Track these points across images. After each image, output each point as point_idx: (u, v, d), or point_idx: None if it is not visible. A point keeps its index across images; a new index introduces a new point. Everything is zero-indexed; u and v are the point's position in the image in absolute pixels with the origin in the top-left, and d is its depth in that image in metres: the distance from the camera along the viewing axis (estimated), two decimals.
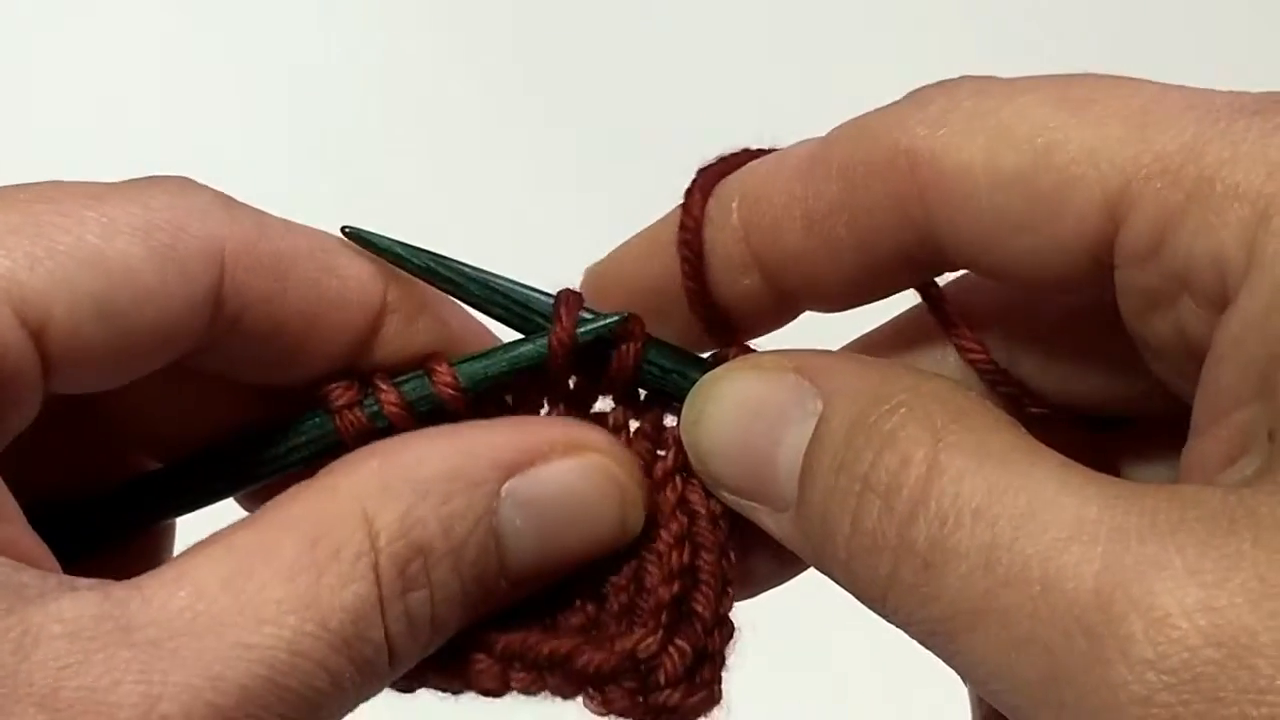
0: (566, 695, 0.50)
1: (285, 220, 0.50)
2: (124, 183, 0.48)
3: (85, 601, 0.41)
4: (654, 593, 0.50)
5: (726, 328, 0.53)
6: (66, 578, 0.43)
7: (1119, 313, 0.47)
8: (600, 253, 0.55)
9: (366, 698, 0.46)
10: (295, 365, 0.51)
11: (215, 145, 1.26)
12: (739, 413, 0.49)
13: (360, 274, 0.50)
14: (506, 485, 0.48)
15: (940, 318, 0.52)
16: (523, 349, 0.51)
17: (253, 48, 1.35)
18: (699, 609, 0.51)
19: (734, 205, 0.51)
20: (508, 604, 0.50)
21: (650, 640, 0.49)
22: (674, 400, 0.53)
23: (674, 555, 0.51)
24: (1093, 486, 0.41)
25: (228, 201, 0.49)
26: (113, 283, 0.45)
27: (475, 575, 0.48)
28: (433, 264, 0.51)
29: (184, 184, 0.48)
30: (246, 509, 0.55)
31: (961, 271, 0.51)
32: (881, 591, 0.44)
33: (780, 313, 0.53)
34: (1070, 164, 0.44)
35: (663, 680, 0.49)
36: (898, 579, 0.43)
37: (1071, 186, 0.44)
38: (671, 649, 0.50)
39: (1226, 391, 0.43)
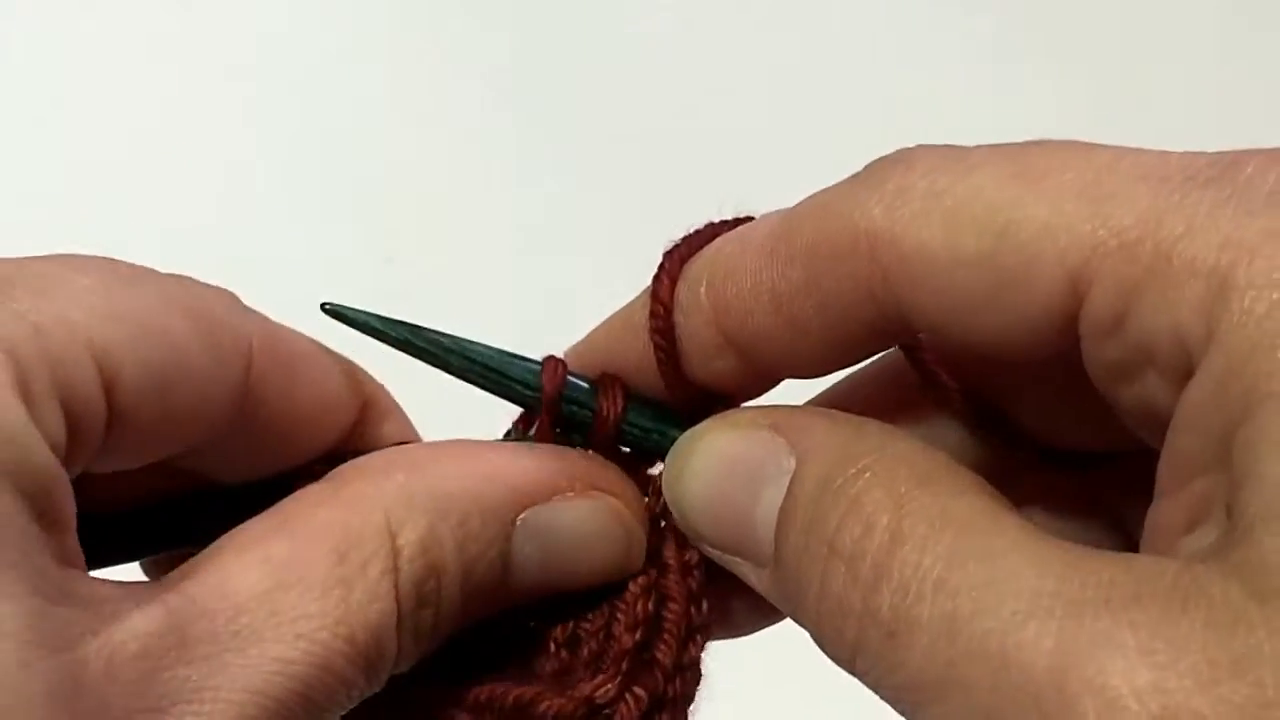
0: None
1: (282, 324, 0.51)
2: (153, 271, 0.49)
3: (152, 616, 0.43)
4: (618, 640, 0.52)
5: (708, 402, 0.53)
6: (125, 587, 0.44)
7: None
8: (597, 274, 0.55)
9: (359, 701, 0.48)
10: (277, 461, 0.52)
11: (212, 159, 1.27)
12: (717, 470, 0.50)
13: (345, 377, 0.52)
14: (524, 514, 0.50)
15: (920, 369, 0.53)
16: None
17: (252, 51, 1.36)
18: (659, 657, 0.52)
19: (702, 290, 0.51)
20: (497, 612, 0.52)
21: (608, 686, 0.51)
22: (655, 457, 0.54)
23: (639, 605, 0.52)
24: (1053, 557, 0.42)
25: (243, 305, 0.50)
26: (172, 356, 0.46)
27: (478, 593, 0.50)
28: (410, 335, 0.52)
29: (197, 281, 0.50)
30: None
31: None
32: (850, 655, 0.45)
33: (758, 385, 0.53)
34: (1029, 243, 0.44)
35: None
36: (864, 646, 0.44)
37: (1032, 264, 0.44)
38: (628, 695, 0.51)
39: (1187, 459, 0.43)
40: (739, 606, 0.55)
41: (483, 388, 0.53)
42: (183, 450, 0.49)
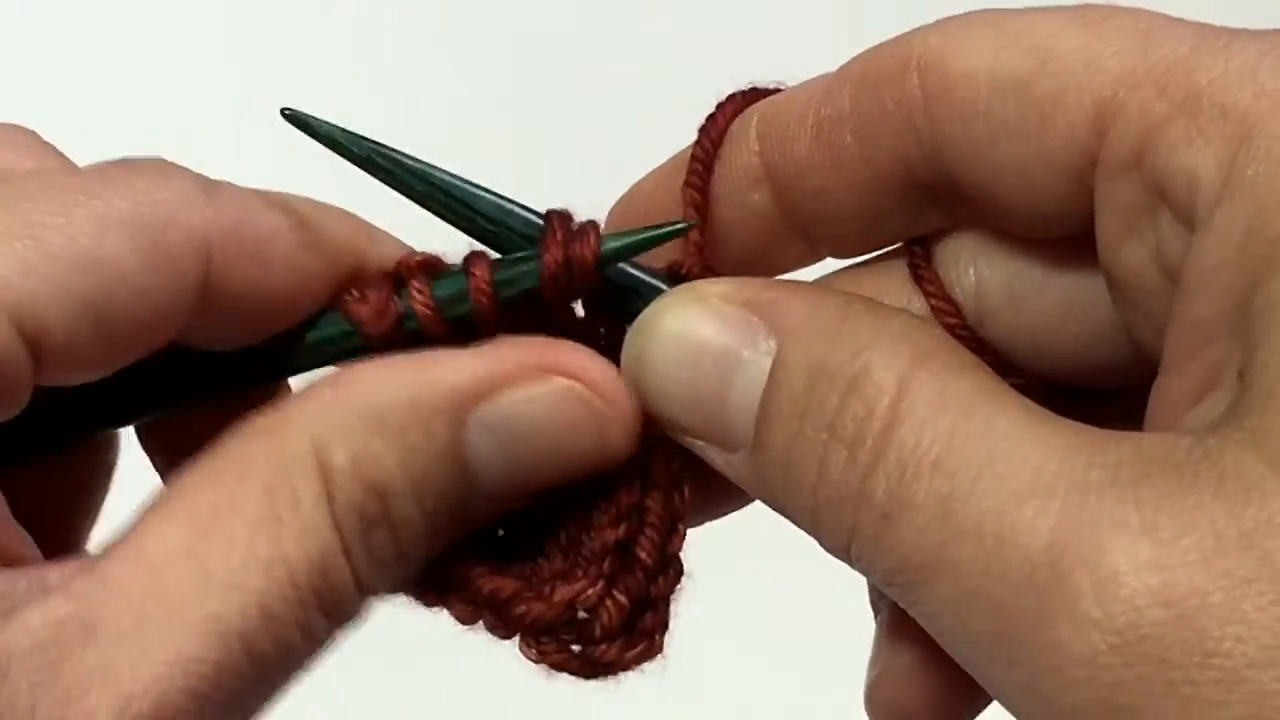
0: (501, 636, 0.48)
1: (261, 193, 0.47)
2: (106, 168, 0.45)
3: (50, 606, 0.39)
4: (600, 534, 0.48)
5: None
6: (38, 574, 0.40)
7: (1096, 268, 0.46)
8: None
9: (344, 633, 0.44)
10: (267, 329, 0.48)
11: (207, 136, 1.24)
12: (683, 353, 0.46)
13: (337, 241, 0.48)
14: (475, 412, 0.45)
15: (918, 275, 0.51)
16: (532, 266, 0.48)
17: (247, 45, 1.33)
18: (642, 555, 0.48)
19: (754, 120, 0.51)
20: (494, 517, 0.47)
21: (590, 591, 0.47)
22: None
23: (623, 494, 0.48)
24: (1057, 436, 0.40)
25: (208, 185, 0.46)
26: (107, 285, 0.42)
27: (443, 507, 0.45)
28: (373, 154, 0.48)
29: (165, 168, 0.45)
30: None
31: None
32: (845, 541, 0.43)
33: (784, 244, 0.51)
34: (1065, 71, 0.44)
35: (598, 634, 0.47)
36: (859, 530, 0.42)
37: (1064, 94, 0.44)
38: (609, 601, 0.47)
39: (1199, 325, 0.41)
40: (709, 489, 0.51)
41: (444, 218, 0.49)
42: (144, 355, 0.46)
